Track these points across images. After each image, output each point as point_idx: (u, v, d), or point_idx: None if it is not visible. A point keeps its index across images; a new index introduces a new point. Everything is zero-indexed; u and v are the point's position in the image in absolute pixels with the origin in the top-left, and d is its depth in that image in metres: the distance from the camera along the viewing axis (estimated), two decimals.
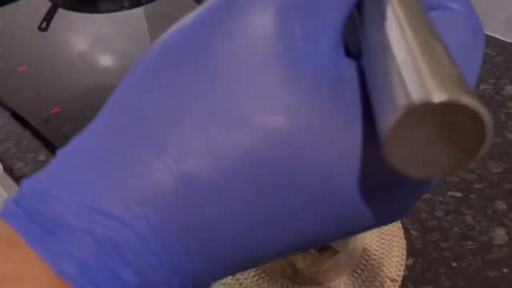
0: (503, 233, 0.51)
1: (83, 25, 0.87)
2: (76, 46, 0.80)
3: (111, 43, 0.82)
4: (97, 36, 0.84)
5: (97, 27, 0.86)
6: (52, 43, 0.82)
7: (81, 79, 0.72)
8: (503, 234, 0.51)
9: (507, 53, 0.73)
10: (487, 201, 0.54)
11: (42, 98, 0.68)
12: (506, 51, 0.74)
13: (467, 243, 0.50)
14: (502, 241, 0.50)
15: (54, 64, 0.76)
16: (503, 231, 0.51)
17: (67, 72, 0.74)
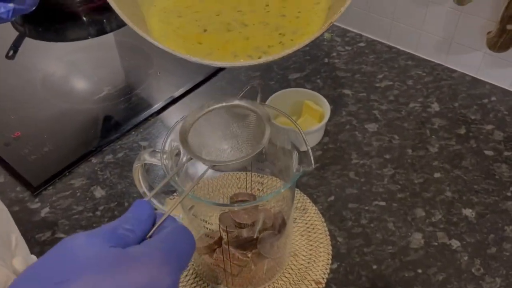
0: (419, 237, 0.57)
1: (50, 52, 0.91)
2: (39, 72, 0.85)
3: (75, 69, 0.87)
4: (61, 63, 0.88)
5: (64, 54, 0.91)
6: (16, 70, 0.86)
7: (42, 105, 0.77)
8: (419, 238, 0.57)
9: (436, 73, 0.80)
10: (408, 209, 0.60)
11: (3, 123, 0.73)
12: (434, 71, 0.81)
13: (387, 247, 0.56)
14: (418, 244, 0.56)
15: (16, 90, 0.80)
16: (420, 235, 0.57)
17: (29, 98, 0.78)
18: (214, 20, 0.46)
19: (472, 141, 0.68)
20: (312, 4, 0.47)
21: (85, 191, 0.63)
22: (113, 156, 0.68)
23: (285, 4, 0.47)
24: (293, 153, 0.45)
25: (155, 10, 0.47)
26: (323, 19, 0.43)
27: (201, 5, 0.48)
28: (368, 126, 0.71)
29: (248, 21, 0.45)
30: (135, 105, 0.76)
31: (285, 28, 0.43)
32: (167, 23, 0.45)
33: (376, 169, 0.65)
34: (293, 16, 0.45)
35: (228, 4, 0.48)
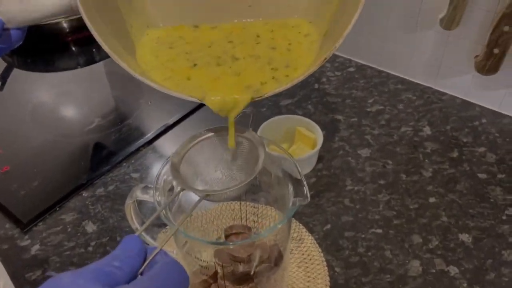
0: (417, 265, 0.56)
1: (38, 83, 0.91)
2: (28, 104, 0.84)
3: (65, 100, 0.86)
4: (50, 94, 0.88)
5: (53, 84, 0.90)
6: (4, 101, 0.85)
7: (31, 137, 0.76)
8: (417, 266, 0.56)
9: (426, 96, 0.81)
10: (404, 236, 0.59)
11: None
12: (425, 94, 0.81)
13: (385, 276, 0.55)
14: (416, 272, 0.55)
15: (4, 123, 0.79)
16: (418, 263, 0.56)
17: (17, 130, 0.77)
18: (205, 52, 0.45)
19: (465, 164, 0.68)
20: (302, 36, 0.46)
21: (76, 226, 0.62)
22: (104, 189, 0.67)
23: (273, 35, 0.47)
24: (288, 184, 0.45)
25: (147, 39, 0.46)
26: (315, 51, 0.43)
27: (193, 35, 0.47)
28: (361, 151, 0.71)
29: (239, 54, 0.45)
30: (126, 136, 0.75)
31: (277, 62, 0.42)
32: (156, 55, 0.44)
33: (371, 195, 0.64)
34: (283, 48, 0.45)
35: (219, 34, 0.47)
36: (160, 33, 0.47)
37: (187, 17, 0.47)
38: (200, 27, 0.47)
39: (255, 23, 0.48)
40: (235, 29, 0.47)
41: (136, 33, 0.45)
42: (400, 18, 0.79)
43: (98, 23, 0.39)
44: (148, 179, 0.68)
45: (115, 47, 0.40)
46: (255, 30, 0.47)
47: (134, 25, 0.45)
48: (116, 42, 0.41)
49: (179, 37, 0.47)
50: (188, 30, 0.47)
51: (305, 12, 0.47)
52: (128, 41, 0.44)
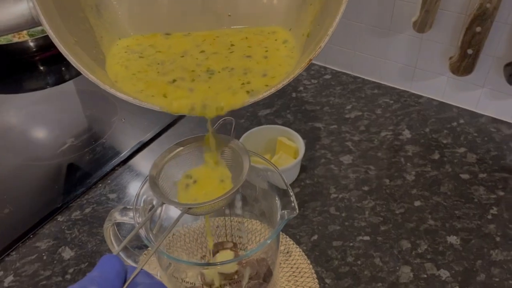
0: (408, 271, 0.55)
1: (6, 105, 0.87)
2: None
3: (35, 121, 0.83)
4: (19, 116, 0.84)
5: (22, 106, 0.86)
6: None
7: (0, 162, 0.72)
8: (408, 272, 0.55)
9: (403, 100, 0.81)
10: (393, 242, 0.58)
11: None
12: (401, 98, 0.81)
13: (377, 285, 0.54)
14: (407, 278, 0.54)
15: None
16: (408, 268, 0.55)
17: None
18: (178, 64, 0.43)
19: (447, 166, 0.68)
20: (280, 43, 0.45)
21: (52, 254, 0.59)
22: (80, 212, 0.64)
23: (249, 43, 0.45)
24: (275, 197, 0.43)
25: (117, 49, 0.43)
26: (295, 58, 0.41)
27: (165, 43, 0.45)
28: (343, 158, 0.70)
29: (214, 66, 0.42)
30: (100, 156, 0.72)
31: (253, 73, 0.40)
32: (126, 66, 0.42)
33: (356, 202, 0.63)
34: (260, 56, 0.43)
35: (192, 42, 0.45)
36: (129, 42, 0.44)
37: (160, 27, 0.45)
38: (172, 35, 0.45)
39: (228, 31, 0.46)
40: (208, 37, 0.45)
41: (106, 44, 0.43)
42: (373, 23, 0.79)
43: (63, 34, 0.37)
44: (126, 199, 0.65)
45: (82, 59, 0.37)
46: (229, 38, 0.45)
47: (104, 35, 0.42)
48: (84, 53, 0.39)
49: (149, 45, 0.44)
50: (159, 38, 0.44)
51: (284, 20, 0.45)
52: (99, 53, 0.42)
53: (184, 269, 0.45)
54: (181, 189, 0.41)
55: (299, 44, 0.43)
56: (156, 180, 0.40)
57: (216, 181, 0.41)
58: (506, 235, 0.58)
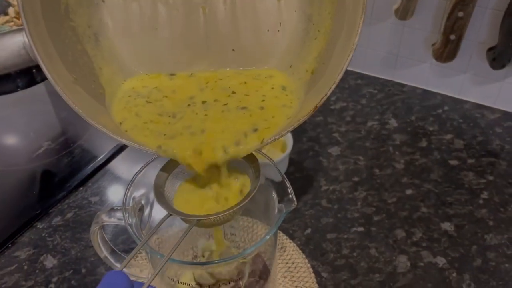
0: (405, 260, 0.54)
1: None
2: None
3: (7, 126, 0.79)
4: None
5: None
6: None
7: None
8: (405, 261, 0.54)
9: (387, 89, 0.80)
10: (387, 231, 0.57)
11: None
12: (385, 88, 0.81)
13: (375, 276, 0.53)
14: (405, 268, 0.53)
15: None
16: (405, 258, 0.55)
17: None
18: (184, 115, 0.40)
19: (435, 153, 0.68)
20: (278, 91, 0.43)
21: (34, 263, 0.55)
22: (61, 218, 0.61)
23: (247, 90, 0.42)
24: (270, 190, 0.41)
25: (122, 92, 0.41)
26: (294, 107, 0.40)
27: (170, 86, 0.42)
28: (331, 150, 0.69)
29: (208, 124, 0.40)
30: (79, 158, 0.69)
31: (245, 127, 0.38)
32: (136, 113, 0.39)
33: (347, 193, 0.62)
34: (256, 106, 0.40)
35: (195, 87, 0.43)
36: (134, 83, 0.42)
37: (162, 60, 0.43)
38: (177, 75, 0.43)
39: (229, 73, 0.44)
40: (210, 79, 0.43)
41: (106, 77, 0.40)
42: None
43: (62, 73, 0.35)
44: (109, 202, 0.63)
45: (83, 101, 0.36)
46: (229, 82, 0.43)
47: (104, 66, 0.40)
48: (84, 91, 0.37)
49: (155, 87, 0.42)
50: (164, 80, 0.43)
51: (286, 55, 0.43)
52: (98, 87, 0.39)
53: (176, 271, 0.43)
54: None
55: (302, 82, 0.41)
56: (162, 189, 0.37)
57: None
58: (499, 219, 0.58)
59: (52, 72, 0.34)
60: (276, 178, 0.42)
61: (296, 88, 0.42)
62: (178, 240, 0.36)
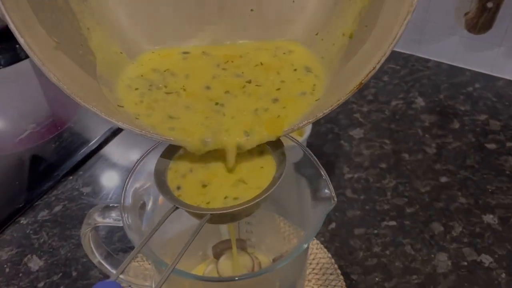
0: (445, 259, 0.47)
1: None
2: None
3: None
4: None
5: None
6: None
7: None
8: (445, 260, 0.47)
9: (410, 65, 0.72)
10: (423, 225, 0.50)
11: None
12: (408, 63, 0.73)
13: (412, 277, 0.46)
14: (446, 268, 0.46)
15: None
16: (445, 256, 0.48)
17: None
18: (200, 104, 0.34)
19: (469, 135, 0.60)
20: (301, 73, 0.36)
21: (17, 265, 0.48)
22: (48, 212, 0.53)
23: (266, 72, 0.37)
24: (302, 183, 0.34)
25: (128, 80, 0.34)
26: (315, 96, 0.34)
27: (183, 68, 0.36)
28: (352, 132, 0.61)
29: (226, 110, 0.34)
30: (68, 143, 0.61)
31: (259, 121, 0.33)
32: (152, 108, 0.33)
33: (374, 182, 0.55)
34: (269, 98, 0.35)
35: (211, 69, 0.36)
36: (143, 70, 0.35)
37: (167, 24, 0.36)
38: (190, 55, 0.37)
39: (246, 50, 0.38)
40: (225, 60, 0.37)
41: (95, 40, 0.33)
42: None
43: (38, 35, 0.28)
44: (104, 193, 0.55)
45: (68, 73, 0.29)
46: (246, 65, 0.37)
47: (92, 27, 0.33)
48: (69, 59, 0.30)
49: (167, 70, 0.36)
50: (176, 59, 0.37)
51: (312, 19, 0.37)
52: (86, 52, 0.32)
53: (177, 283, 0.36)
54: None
55: (332, 54, 0.35)
56: (165, 177, 0.30)
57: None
58: None
59: (25, 34, 0.27)
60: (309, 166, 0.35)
61: (321, 67, 0.36)
62: (186, 243, 0.28)
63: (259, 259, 0.42)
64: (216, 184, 0.32)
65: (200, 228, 0.28)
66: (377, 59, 0.30)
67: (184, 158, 0.33)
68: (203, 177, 0.32)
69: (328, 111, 0.30)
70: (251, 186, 0.32)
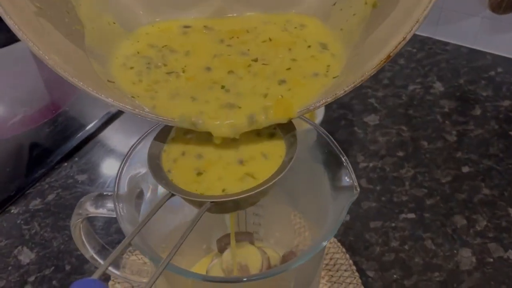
0: (469, 254, 0.44)
1: None
2: None
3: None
4: None
5: None
6: None
7: None
8: (469, 256, 0.43)
9: (427, 48, 0.68)
10: (444, 219, 0.46)
11: None
12: (425, 46, 0.68)
13: (433, 275, 0.42)
14: (470, 264, 0.43)
15: None
16: (469, 251, 0.44)
17: None
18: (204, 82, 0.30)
19: (492, 122, 0.56)
20: (316, 50, 0.32)
21: (6, 257, 0.45)
22: (41, 201, 0.49)
23: (275, 49, 0.33)
24: (319, 170, 0.30)
25: (124, 58, 0.31)
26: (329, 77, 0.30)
27: (183, 44, 0.33)
28: (367, 118, 0.57)
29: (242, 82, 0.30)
30: (63, 127, 0.57)
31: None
32: (154, 90, 0.29)
33: (391, 171, 0.51)
34: (276, 79, 0.31)
35: (212, 47, 0.33)
36: (139, 46, 0.31)
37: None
38: (192, 29, 0.33)
39: (252, 24, 0.34)
40: (229, 36, 0.33)
41: (84, 9, 0.29)
42: None
43: None
44: (100, 181, 0.51)
45: (52, 45, 0.25)
46: (254, 40, 0.33)
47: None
48: (54, 28, 0.26)
49: (164, 46, 0.32)
50: (175, 34, 0.33)
51: None
52: (74, 21, 0.28)
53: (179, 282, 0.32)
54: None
55: (359, 17, 0.31)
56: (160, 161, 0.26)
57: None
58: None
59: None
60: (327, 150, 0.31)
61: (338, 43, 0.32)
62: (182, 235, 0.25)
63: (267, 254, 0.38)
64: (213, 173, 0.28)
65: (198, 218, 0.25)
66: (408, 28, 0.26)
67: (177, 140, 0.29)
68: (198, 164, 0.28)
69: (350, 88, 0.27)
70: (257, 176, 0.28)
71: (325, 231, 0.26)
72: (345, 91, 0.27)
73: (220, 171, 0.28)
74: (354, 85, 0.26)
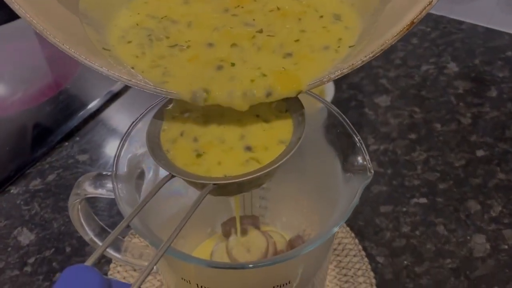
0: (483, 241, 0.42)
1: None
2: None
3: None
4: None
5: None
6: None
7: None
8: (483, 242, 0.42)
9: (442, 27, 0.66)
10: (457, 203, 0.45)
11: None
12: (439, 25, 0.66)
13: (445, 261, 0.41)
14: (484, 251, 0.41)
15: None
16: (483, 238, 0.42)
17: None
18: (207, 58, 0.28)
19: (509, 105, 0.54)
20: (328, 21, 0.30)
21: (5, 238, 0.43)
22: (41, 181, 0.48)
23: (284, 19, 0.31)
24: (331, 151, 0.28)
25: (123, 29, 0.29)
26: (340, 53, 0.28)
27: (183, 13, 0.30)
28: (378, 100, 0.55)
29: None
30: (65, 106, 0.56)
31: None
32: (157, 64, 0.27)
33: (403, 154, 0.49)
34: (291, 40, 0.29)
35: (214, 16, 0.30)
36: (138, 18, 0.29)
37: None
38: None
39: None
40: (239, 2, 0.31)
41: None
42: None
43: None
44: (102, 162, 0.50)
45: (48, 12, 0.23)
46: (260, 11, 0.31)
47: None
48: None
49: (164, 17, 0.30)
50: (177, 3, 0.31)
51: None
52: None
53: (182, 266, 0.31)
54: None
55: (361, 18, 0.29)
56: (159, 140, 0.25)
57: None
58: None
59: None
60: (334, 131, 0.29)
61: (353, 14, 0.30)
62: (183, 218, 0.23)
63: (274, 239, 0.37)
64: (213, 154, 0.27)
65: (200, 201, 0.23)
66: None
67: (177, 119, 0.27)
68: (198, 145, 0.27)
69: (368, 58, 0.25)
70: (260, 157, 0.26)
71: (336, 215, 0.25)
72: (362, 61, 0.25)
73: (220, 154, 0.26)
74: (374, 55, 0.25)
